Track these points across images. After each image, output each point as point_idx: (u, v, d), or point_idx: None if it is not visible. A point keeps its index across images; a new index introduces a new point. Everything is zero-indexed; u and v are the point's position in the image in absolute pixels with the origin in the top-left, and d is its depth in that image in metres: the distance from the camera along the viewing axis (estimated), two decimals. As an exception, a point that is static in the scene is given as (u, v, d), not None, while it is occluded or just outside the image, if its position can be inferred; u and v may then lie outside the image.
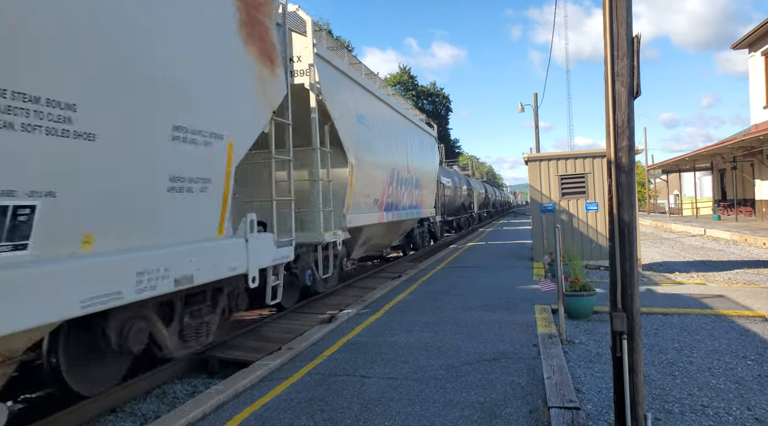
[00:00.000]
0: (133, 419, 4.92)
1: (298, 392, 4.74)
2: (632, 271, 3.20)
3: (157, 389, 5.58)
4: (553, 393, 4.35)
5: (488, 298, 8.77)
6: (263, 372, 5.25)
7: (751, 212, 26.83)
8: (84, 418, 4.73)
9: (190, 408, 4.35)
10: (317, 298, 9.55)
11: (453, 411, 4.20)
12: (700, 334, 6.25)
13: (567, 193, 12.29)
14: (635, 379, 3.17)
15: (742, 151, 23.65)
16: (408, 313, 7.86)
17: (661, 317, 7.15)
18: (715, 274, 11.49)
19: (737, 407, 4.20)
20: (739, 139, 21.45)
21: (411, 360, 5.54)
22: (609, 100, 3.24)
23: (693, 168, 33.36)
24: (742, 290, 9.04)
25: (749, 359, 5.31)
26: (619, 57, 3.18)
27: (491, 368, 5.19)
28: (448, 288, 9.97)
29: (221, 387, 4.84)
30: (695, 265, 13.09)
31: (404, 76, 64.65)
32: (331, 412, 4.27)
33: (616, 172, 3.23)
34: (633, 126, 3.21)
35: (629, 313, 3.18)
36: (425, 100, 68.20)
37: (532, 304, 8.06)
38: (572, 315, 7.14)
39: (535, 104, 26.88)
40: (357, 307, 8.27)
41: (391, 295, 9.34)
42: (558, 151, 13.42)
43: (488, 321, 7.14)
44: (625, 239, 3.20)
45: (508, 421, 3.99)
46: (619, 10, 3.17)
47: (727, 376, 4.88)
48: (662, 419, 4.02)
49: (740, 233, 18.79)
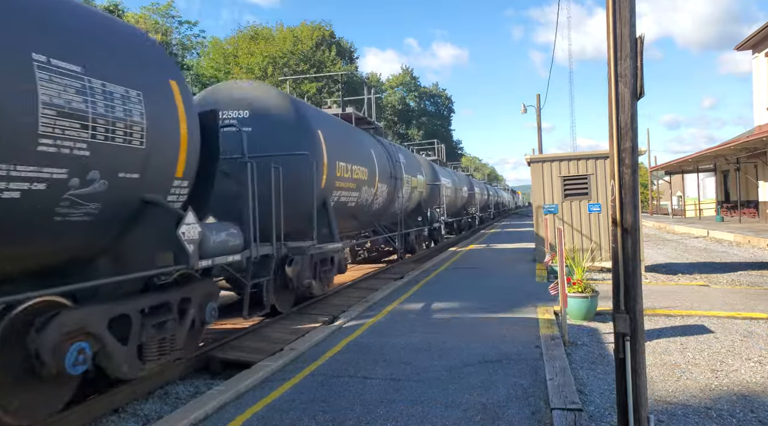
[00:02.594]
0: (135, 420, 4.92)
1: (301, 393, 4.74)
2: (635, 273, 3.19)
3: (159, 390, 5.58)
4: (556, 394, 4.34)
5: (490, 299, 8.75)
6: (265, 373, 5.25)
7: (754, 214, 26.74)
8: (87, 419, 4.73)
9: (192, 408, 4.36)
10: (320, 299, 9.55)
11: (455, 412, 4.19)
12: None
13: (570, 194, 12.26)
14: (638, 380, 3.16)
15: (745, 153, 23.56)
16: (410, 314, 7.86)
17: (664, 319, 7.13)
18: (719, 276, 11.45)
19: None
20: (743, 140, 21.38)
21: (413, 361, 5.54)
22: (612, 101, 3.23)
23: (696, 169, 33.27)
24: (745, 292, 9.01)
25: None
26: (622, 58, 3.18)
27: (493, 369, 5.18)
28: (450, 289, 9.96)
29: (223, 388, 4.85)
30: (698, 267, 13.04)
31: (406, 76, 64.66)
32: (334, 413, 4.27)
33: (619, 173, 3.22)
34: (636, 127, 3.20)
35: (632, 315, 3.17)
36: (428, 100, 68.21)
37: (534, 305, 8.05)
38: (575, 316, 7.13)
39: (537, 105, 26.84)
40: (359, 308, 8.26)
41: (393, 296, 9.34)
42: (561, 153, 13.38)
43: (490, 322, 7.13)
44: (628, 241, 3.19)
45: (510, 422, 3.98)
46: (623, 11, 3.16)
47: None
48: (665, 421, 4.00)
49: (743, 235, 18.72)
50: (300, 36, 40.81)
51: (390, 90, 61.71)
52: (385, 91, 60.18)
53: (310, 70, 38.11)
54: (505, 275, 11.62)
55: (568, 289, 6.74)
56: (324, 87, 38.91)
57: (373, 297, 9.28)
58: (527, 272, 11.88)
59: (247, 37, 41.11)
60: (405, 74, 65.03)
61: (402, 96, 63.12)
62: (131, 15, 32.16)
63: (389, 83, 62.70)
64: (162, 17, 36.20)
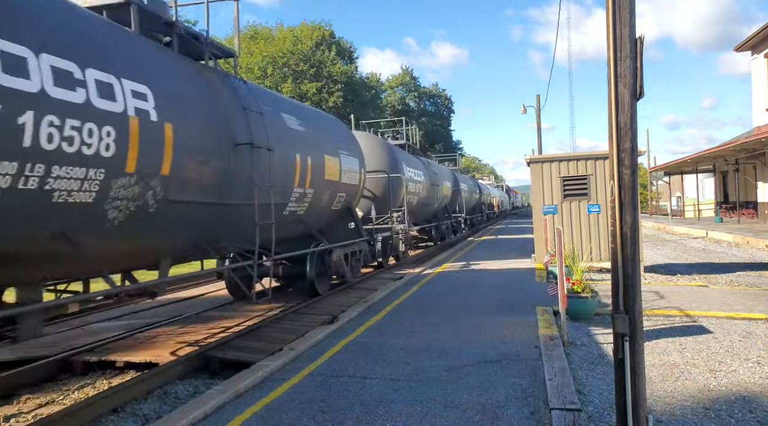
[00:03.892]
0: (134, 419, 4.92)
1: (300, 393, 4.74)
2: (634, 273, 3.19)
3: (158, 389, 5.58)
4: (555, 394, 4.34)
5: (489, 300, 8.76)
6: (265, 373, 5.25)
7: (753, 214, 26.75)
8: (86, 418, 4.73)
9: (191, 408, 4.36)
10: (320, 299, 9.55)
11: (454, 412, 4.20)
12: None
13: (569, 194, 12.26)
14: (637, 380, 3.16)
15: (744, 154, 23.58)
16: (410, 314, 7.86)
17: (663, 319, 7.13)
18: (717, 277, 11.46)
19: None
20: (742, 141, 21.39)
21: (412, 361, 5.54)
22: (612, 101, 3.23)
23: (695, 170, 33.29)
24: (744, 292, 9.02)
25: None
26: (621, 59, 3.18)
27: (492, 369, 5.18)
28: (450, 289, 9.96)
29: (223, 387, 4.85)
30: (697, 268, 13.06)
31: (406, 76, 64.63)
32: (333, 413, 4.27)
33: (618, 173, 3.23)
34: (636, 128, 3.21)
35: (631, 315, 3.18)
36: (427, 101, 68.18)
37: (533, 305, 8.05)
38: (574, 316, 7.13)
39: (537, 106, 26.85)
40: (359, 308, 8.27)
41: (392, 296, 9.34)
42: (560, 153, 13.39)
43: (489, 322, 7.13)
44: (628, 241, 3.19)
45: (509, 422, 3.98)
46: (622, 12, 3.17)
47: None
48: (663, 421, 4.01)
49: (742, 235, 18.74)
50: (300, 36, 40.77)
51: (390, 90, 61.71)
52: (385, 91, 60.17)
53: (309, 70, 38.07)
54: (505, 275, 11.63)
55: (567, 290, 6.74)
56: (324, 87, 38.88)
57: (372, 297, 9.28)
58: (527, 272, 11.89)
59: (246, 36, 41.06)
60: (405, 74, 65.00)
61: (402, 96, 63.12)
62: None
63: (389, 83, 62.68)
64: (161, 16, 36.11)
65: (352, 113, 28.60)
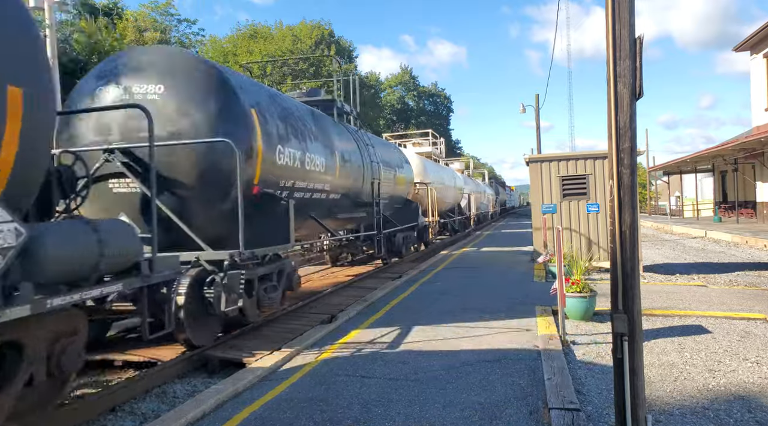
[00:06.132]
0: (132, 418, 4.91)
1: (298, 392, 4.73)
2: (633, 273, 3.19)
3: (156, 388, 5.57)
4: (554, 394, 4.34)
5: (489, 299, 8.76)
6: (263, 372, 5.24)
7: (752, 214, 26.78)
8: (84, 418, 4.73)
9: (190, 407, 4.35)
10: (318, 298, 9.54)
11: (453, 412, 4.19)
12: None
13: (568, 194, 12.26)
14: (636, 380, 3.16)
15: (743, 153, 23.61)
16: (409, 313, 7.86)
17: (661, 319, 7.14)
18: (716, 276, 11.47)
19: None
20: (741, 141, 21.41)
21: (411, 360, 5.54)
22: (611, 101, 3.23)
23: (694, 170, 33.33)
24: (743, 292, 9.03)
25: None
26: (621, 58, 3.18)
27: (491, 369, 5.18)
28: (449, 288, 9.97)
29: (221, 387, 4.84)
30: (696, 267, 13.07)
31: (406, 76, 64.68)
32: (331, 413, 4.26)
33: (617, 173, 3.22)
34: (635, 127, 3.20)
35: (630, 315, 3.18)
36: (427, 100, 68.22)
37: (532, 305, 8.05)
38: (573, 316, 7.13)
39: (536, 105, 26.87)
40: (358, 308, 8.26)
41: (391, 296, 9.34)
42: (559, 152, 13.40)
43: (489, 322, 7.13)
44: (627, 241, 3.19)
45: (508, 422, 3.98)
46: (622, 12, 3.17)
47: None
48: (662, 421, 4.01)
49: (741, 235, 18.75)
50: (299, 35, 40.77)
51: (389, 89, 61.72)
52: (384, 90, 60.17)
53: (309, 69, 38.05)
54: (504, 274, 11.63)
55: (566, 289, 6.74)
56: (323, 86, 38.87)
57: (371, 296, 9.28)
58: (525, 272, 11.90)
59: (246, 35, 41.06)
60: (404, 73, 65.05)
61: (401, 95, 63.15)
62: (130, 13, 32.01)
63: (388, 82, 62.71)
64: (161, 15, 36.10)
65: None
